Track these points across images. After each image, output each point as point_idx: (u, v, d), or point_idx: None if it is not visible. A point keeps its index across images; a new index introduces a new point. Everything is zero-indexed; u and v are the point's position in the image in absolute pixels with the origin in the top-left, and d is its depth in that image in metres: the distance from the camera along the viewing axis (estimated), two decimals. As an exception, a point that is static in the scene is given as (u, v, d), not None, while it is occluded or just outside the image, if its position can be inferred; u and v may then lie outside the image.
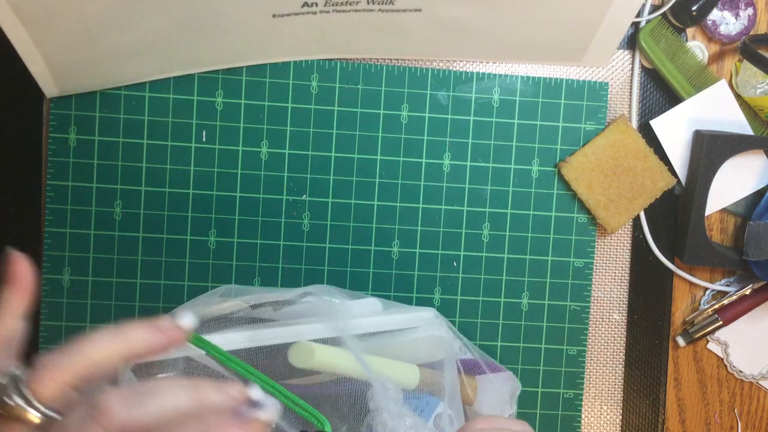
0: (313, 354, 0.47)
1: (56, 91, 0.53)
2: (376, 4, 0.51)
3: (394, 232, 0.58)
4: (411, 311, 0.53)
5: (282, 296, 0.51)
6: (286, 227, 0.57)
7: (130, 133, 0.55)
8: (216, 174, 0.56)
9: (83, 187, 0.55)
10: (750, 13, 0.59)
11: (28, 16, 0.45)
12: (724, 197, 0.60)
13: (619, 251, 0.60)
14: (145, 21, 0.48)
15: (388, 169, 0.58)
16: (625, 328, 0.61)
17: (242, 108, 0.56)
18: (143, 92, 0.55)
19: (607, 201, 0.58)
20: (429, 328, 0.52)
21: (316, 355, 0.47)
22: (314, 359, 0.47)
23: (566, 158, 0.58)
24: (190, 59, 0.54)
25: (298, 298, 0.51)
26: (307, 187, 0.57)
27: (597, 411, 0.61)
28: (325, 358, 0.47)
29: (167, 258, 0.56)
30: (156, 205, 0.56)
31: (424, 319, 0.53)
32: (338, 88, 0.57)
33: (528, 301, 0.59)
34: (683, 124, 0.58)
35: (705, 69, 0.59)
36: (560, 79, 0.59)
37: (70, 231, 0.55)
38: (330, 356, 0.47)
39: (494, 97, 0.58)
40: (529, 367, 0.60)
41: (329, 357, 0.47)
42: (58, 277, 0.55)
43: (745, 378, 0.62)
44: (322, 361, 0.47)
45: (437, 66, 0.58)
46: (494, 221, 0.59)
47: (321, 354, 0.47)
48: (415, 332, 0.52)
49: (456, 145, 0.58)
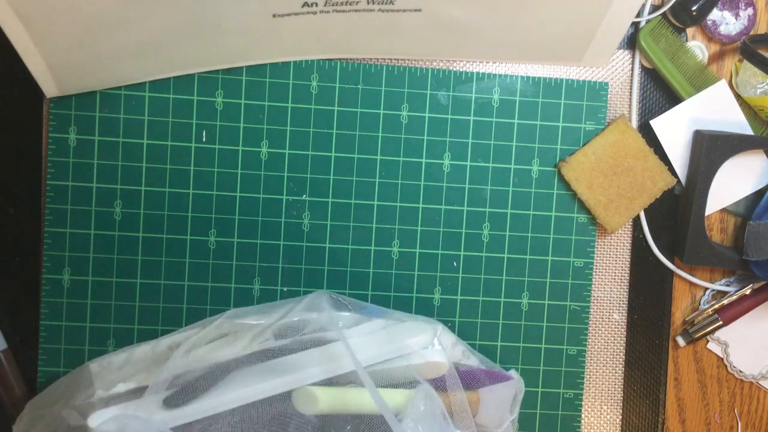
0: (317, 401, 0.46)
1: (56, 91, 0.53)
2: (376, 4, 0.51)
3: (394, 232, 0.58)
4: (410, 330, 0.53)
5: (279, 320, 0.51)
6: (286, 227, 0.57)
7: (130, 133, 0.55)
8: (216, 174, 0.56)
9: (83, 187, 0.55)
10: (750, 13, 0.59)
11: (28, 16, 0.45)
12: (724, 197, 0.60)
13: (619, 251, 0.60)
14: (145, 21, 0.48)
15: (388, 169, 0.58)
16: (625, 328, 0.61)
17: (242, 108, 0.56)
18: (143, 92, 0.55)
19: (607, 201, 0.58)
20: (426, 353, 0.52)
21: (320, 402, 0.46)
22: (319, 406, 0.46)
23: (566, 158, 0.58)
24: (190, 59, 0.54)
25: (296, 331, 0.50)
26: (307, 187, 0.57)
27: (597, 411, 0.61)
28: (331, 402, 0.47)
29: (167, 258, 0.56)
30: (156, 205, 0.56)
31: (422, 342, 0.52)
32: (338, 88, 0.57)
33: (528, 301, 0.59)
34: (683, 124, 0.58)
35: (705, 69, 0.59)
36: (560, 79, 0.59)
37: (70, 231, 0.55)
38: (336, 399, 0.47)
39: (494, 97, 0.58)
40: (529, 367, 0.60)
41: (336, 400, 0.47)
42: (58, 277, 0.55)
43: (745, 378, 0.62)
44: (327, 406, 0.47)
45: (437, 66, 0.58)
46: (494, 221, 0.59)
47: (325, 399, 0.47)
48: (412, 357, 0.51)
49: (456, 145, 0.58)
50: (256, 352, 0.48)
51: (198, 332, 0.52)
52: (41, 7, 0.44)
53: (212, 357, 0.49)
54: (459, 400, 0.51)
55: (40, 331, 0.55)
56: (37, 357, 0.55)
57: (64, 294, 0.55)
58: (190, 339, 0.51)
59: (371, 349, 0.50)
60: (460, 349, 0.55)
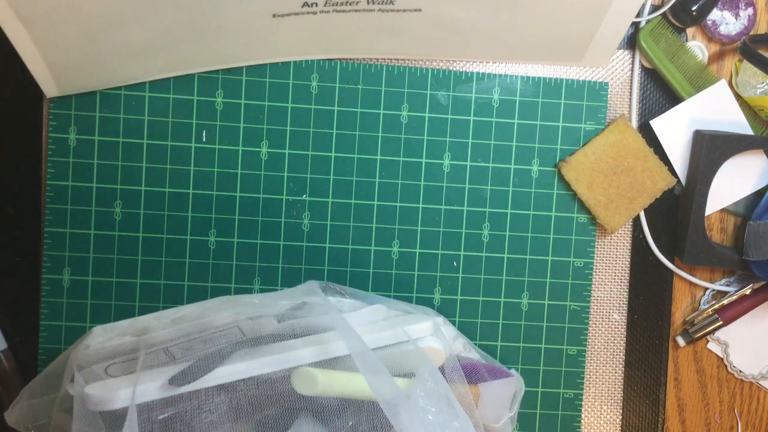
0: (315, 382, 0.47)
1: (56, 91, 0.53)
2: (376, 4, 0.51)
3: (394, 232, 0.58)
4: (410, 322, 0.53)
5: (279, 305, 0.51)
6: (286, 227, 0.57)
7: (130, 133, 0.55)
8: (216, 174, 0.56)
9: (83, 187, 0.55)
10: (750, 13, 0.59)
11: (28, 15, 0.45)
12: (724, 197, 0.60)
13: (619, 251, 0.60)
14: (145, 21, 0.48)
15: (388, 169, 0.58)
16: (625, 328, 0.61)
17: (242, 108, 0.56)
18: (143, 92, 0.55)
19: (607, 201, 0.58)
20: (426, 339, 0.52)
21: (319, 383, 0.47)
22: (317, 387, 0.46)
23: (566, 158, 0.58)
24: (190, 59, 0.54)
25: (294, 311, 0.50)
26: (307, 187, 0.57)
27: (597, 411, 0.61)
28: (329, 384, 0.47)
29: (167, 258, 0.56)
30: (156, 205, 0.56)
31: (422, 330, 0.52)
32: (338, 88, 0.57)
33: (528, 301, 0.59)
34: (683, 124, 0.58)
35: (705, 69, 0.59)
36: (560, 79, 0.59)
37: (70, 231, 0.55)
38: (334, 381, 0.47)
39: (494, 97, 0.58)
40: (529, 367, 0.60)
41: (334, 382, 0.47)
42: (58, 277, 0.55)
43: (745, 378, 0.62)
44: (325, 387, 0.47)
45: (437, 66, 0.58)
46: (494, 221, 0.59)
47: (323, 381, 0.47)
48: (410, 345, 0.51)
49: (456, 145, 0.58)
50: (256, 338, 0.49)
51: (202, 304, 0.52)
52: (41, 7, 0.44)
53: (210, 320, 0.49)
54: (460, 391, 0.51)
55: (40, 331, 0.55)
56: (37, 357, 0.55)
57: (64, 294, 0.55)
58: (192, 312, 0.51)
59: (368, 335, 0.50)
60: (461, 342, 0.55)
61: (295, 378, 0.47)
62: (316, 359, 0.48)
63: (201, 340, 0.48)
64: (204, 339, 0.48)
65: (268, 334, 0.49)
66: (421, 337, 0.52)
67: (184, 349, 0.48)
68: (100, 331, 0.50)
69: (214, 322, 0.49)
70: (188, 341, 0.48)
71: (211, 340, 0.48)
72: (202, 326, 0.49)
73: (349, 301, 0.54)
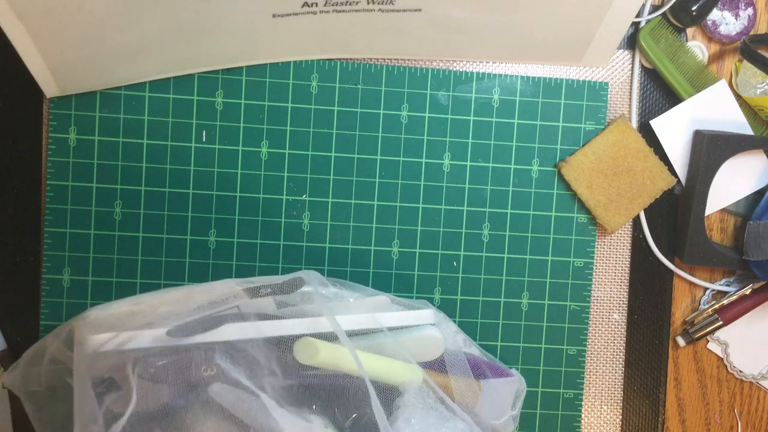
0: (317, 352, 0.47)
1: (56, 91, 0.53)
2: (376, 4, 0.51)
3: (394, 232, 0.58)
4: (410, 310, 0.53)
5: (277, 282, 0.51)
6: (286, 227, 0.57)
7: (130, 133, 0.55)
8: (216, 174, 0.56)
9: (83, 187, 0.55)
10: (750, 13, 0.59)
11: (28, 15, 0.45)
12: (724, 197, 0.60)
13: (619, 251, 0.60)
14: (145, 21, 0.48)
15: (388, 169, 0.58)
16: (625, 328, 0.61)
17: (242, 108, 0.56)
18: (143, 92, 0.55)
19: (607, 201, 0.58)
20: (428, 327, 0.52)
21: (321, 353, 0.47)
22: (319, 357, 0.47)
23: (566, 158, 0.58)
24: (190, 59, 0.54)
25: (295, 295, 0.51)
26: (307, 187, 0.57)
27: (597, 411, 0.61)
28: (330, 356, 0.47)
29: (167, 258, 0.56)
30: (156, 205, 0.56)
31: (423, 317, 0.53)
32: (338, 88, 0.57)
33: (528, 301, 0.59)
34: (683, 124, 0.58)
35: (705, 69, 0.59)
36: (560, 79, 0.59)
37: (70, 231, 0.55)
38: (335, 354, 0.48)
39: (494, 97, 0.58)
40: (529, 367, 0.60)
41: (335, 354, 0.47)
42: (58, 277, 0.55)
43: (745, 378, 0.62)
44: (326, 359, 0.47)
45: (437, 66, 0.58)
46: (494, 221, 0.59)
47: (325, 352, 0.47)
48: (414, 331, 0.52)
49: (456, 145, 0.58)
50: (256, 314, 0.49)
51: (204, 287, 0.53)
52: (41, 7, 0.44)
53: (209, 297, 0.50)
54: (460, 385, 0.51)
55: (40, 331, 0.55)
56: (37, 357, 0.55)
57: (64, 294, 0.55)
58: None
59: (366, 321, 0.51)
60: (462, 338, 0.55)
61: (297, 346, 0.47)
62: (315, 331, 0.48)
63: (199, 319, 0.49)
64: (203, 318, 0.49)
65: (267, 314, 0.49)
66: (423, 324, 0.52)
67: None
68: (98, 311, 0.51)
69: (213, 299, 0.50)
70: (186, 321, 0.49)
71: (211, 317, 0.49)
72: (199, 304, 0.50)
73: (351, 292, 0.54)
